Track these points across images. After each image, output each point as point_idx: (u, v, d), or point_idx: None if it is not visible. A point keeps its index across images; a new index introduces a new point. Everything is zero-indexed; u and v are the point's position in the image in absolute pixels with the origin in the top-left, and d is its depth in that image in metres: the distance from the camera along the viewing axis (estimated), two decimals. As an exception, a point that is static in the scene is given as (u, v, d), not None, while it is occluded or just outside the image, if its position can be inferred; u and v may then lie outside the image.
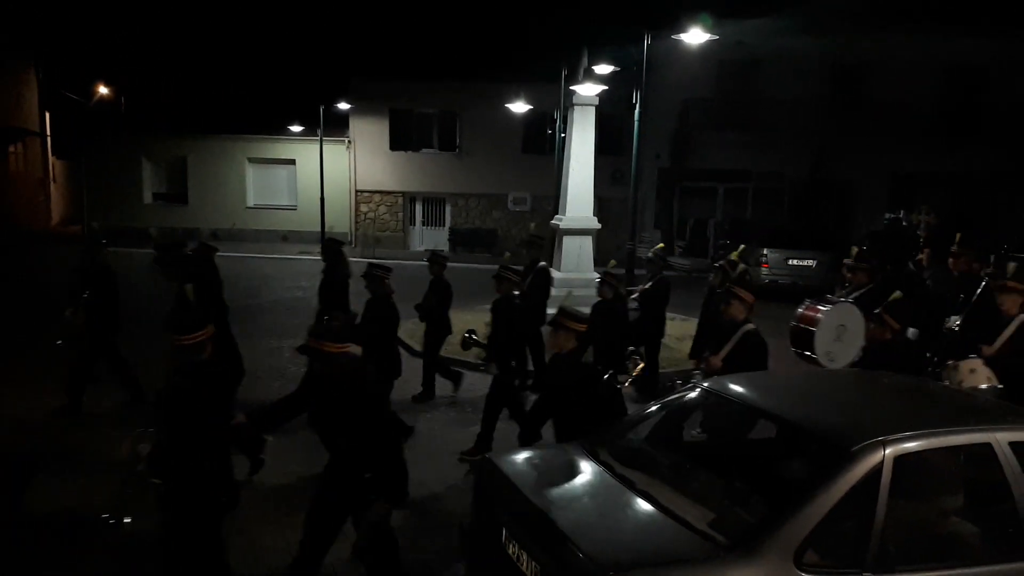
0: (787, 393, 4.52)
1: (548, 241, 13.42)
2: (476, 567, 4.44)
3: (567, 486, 4.03)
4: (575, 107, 12.47)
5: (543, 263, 9.17)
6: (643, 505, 3.68)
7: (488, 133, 26.84)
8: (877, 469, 3.44)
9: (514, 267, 7.91)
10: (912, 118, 23.62)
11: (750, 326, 6.10)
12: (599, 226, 12.84)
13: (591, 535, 3.42)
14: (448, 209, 28.43)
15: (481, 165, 27.42)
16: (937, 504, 3.91)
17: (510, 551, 3.81)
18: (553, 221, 13.00)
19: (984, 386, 5.93)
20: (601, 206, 19.42)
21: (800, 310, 7.26)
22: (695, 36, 11.33)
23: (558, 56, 16.43)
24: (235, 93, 29.26)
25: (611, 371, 5.89)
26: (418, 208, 28.49)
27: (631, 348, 7.25)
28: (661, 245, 10.72)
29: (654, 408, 4.73)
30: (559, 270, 12.40)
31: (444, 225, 28.40)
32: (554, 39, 20.93)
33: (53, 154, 31.35)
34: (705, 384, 4.58)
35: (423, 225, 28.50)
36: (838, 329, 6.97)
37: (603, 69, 12.12)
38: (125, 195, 27.81)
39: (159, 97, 29.36)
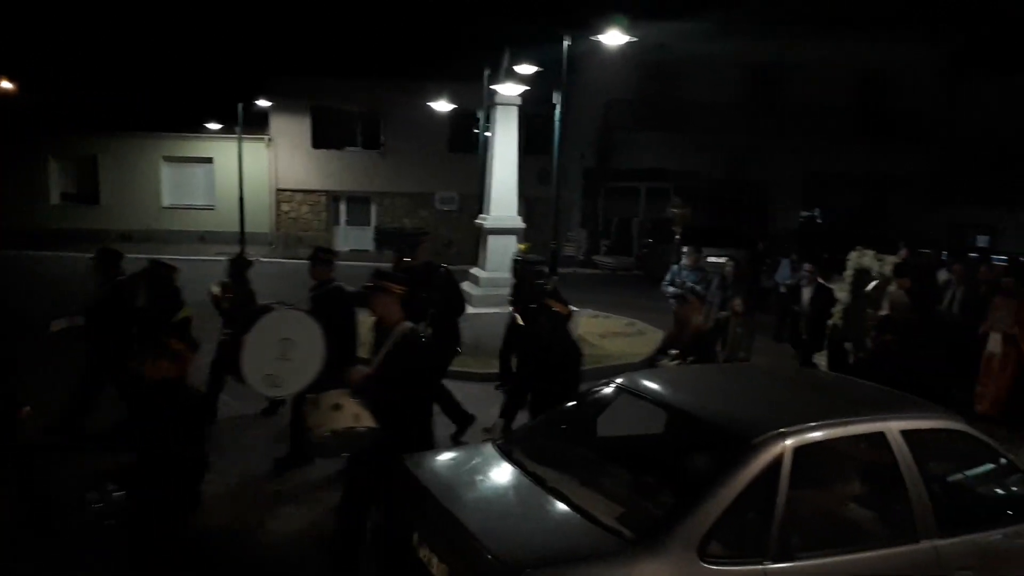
0: (694, 388, 4.61)
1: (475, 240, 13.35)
2: (386, 570, 4.38)
3: (478, 486, 4.02)
4: (498, 107, 12.44)
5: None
6: (553, 502, 3.69)
7: (413, 131, 26.57)
8: (778, 460, 3.54)
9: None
10: (825, 120, 24.58)
11: None
12: (524, 225, 12.83)
13: (499, 535, 3.41)
14: (373, 208, 28.05)
15: (406, 164, 27.14)
16: (835, 492, 4.06)
17: (421, 555, 3.77)
18: (478, 220, 12.96)
19: (358, 426, 4.39)
20: (529, 205, 19.47)
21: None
22: (613, 38, 11.48)
23: (480, 55, 16.40)
24: (149, 89, 28.08)
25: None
26: (342, 207, 28.01)
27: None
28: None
29: (568, 405, 4.76)
30: (484, 269, 12.36)
31: (369, 224, 28.02)
32: (476, 38, 20.90)
33: (-50, 152, 29.58)
34: (617, 380, 4.63)
35: (347, 224, 28.03)
36: (282, 344, 5.31)
37: (525, 69, 12.17)
38: (30, 195, 26.50)
39: (67, 93, 27.90)
